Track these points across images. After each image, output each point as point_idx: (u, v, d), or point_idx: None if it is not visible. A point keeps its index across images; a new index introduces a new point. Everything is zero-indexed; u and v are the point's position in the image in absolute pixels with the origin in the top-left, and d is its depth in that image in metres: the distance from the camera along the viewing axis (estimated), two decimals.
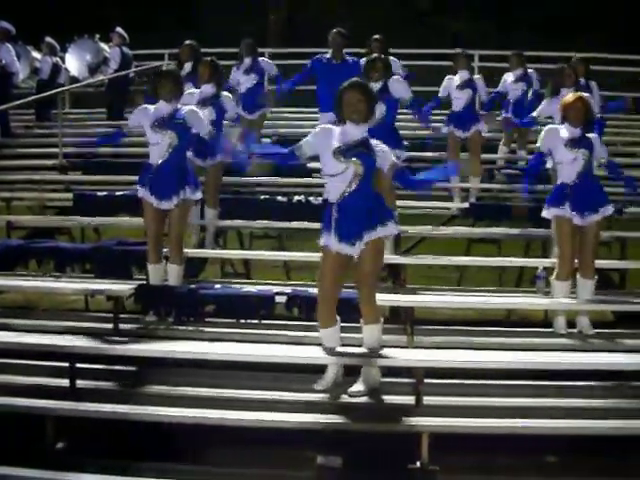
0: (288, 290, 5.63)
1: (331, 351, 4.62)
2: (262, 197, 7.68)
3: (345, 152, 4.48)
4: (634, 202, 7.73)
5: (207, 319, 5.57)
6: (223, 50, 9.98)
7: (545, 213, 5.63)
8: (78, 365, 4.82)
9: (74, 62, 10.98)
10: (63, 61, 11.12)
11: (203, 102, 6.74)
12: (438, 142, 8.81)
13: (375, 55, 7.13)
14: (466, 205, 7.79)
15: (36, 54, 11.30)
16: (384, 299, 5.91)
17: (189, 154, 6.50)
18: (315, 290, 5.53)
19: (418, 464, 4.23)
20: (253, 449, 4.50)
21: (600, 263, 6.82)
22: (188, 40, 8.84)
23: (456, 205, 7.96)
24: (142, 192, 5.67)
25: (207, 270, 7.50)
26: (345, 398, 4.67)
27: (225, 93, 7.01)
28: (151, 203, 5.61)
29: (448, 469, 4.28)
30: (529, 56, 12.51)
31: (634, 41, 14.48)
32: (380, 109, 6.33)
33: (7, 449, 4.04)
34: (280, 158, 5.23)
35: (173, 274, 5.74)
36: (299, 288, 5.80)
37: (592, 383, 4.90)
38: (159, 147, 5.60)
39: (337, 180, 4.50)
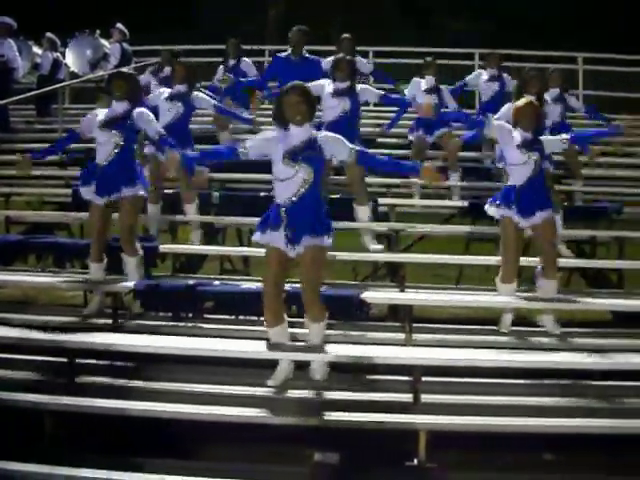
0: (287, 288, 5.63)
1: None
2: (262, 194, 7.69)
3: (294, 156, 4.56)
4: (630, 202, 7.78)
5: (206, 315, 5.58)
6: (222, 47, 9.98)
7: (491, 211, 5.62)
8: (77, 360, 4.84)
9: (74, 58, 10.98)
10: (64, 56, 11.12)
11: (172, 97, 6.83)
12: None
13: (341, 55, 7.20)
14: (465, 204, 7.80)
15: (37, 49, 11.31)
16: (383, 297, 5.96)
17: (151, 150, 6.72)
18: None
19: (415, 461, 4.25)
20: (251, 445, 4.51)
21: (598, 263, 6.88)
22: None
23: (455, 203, 7.98)
24: (86, 192, 5.76)
25: (206, 267, 7.52)
26: (343, 395, 4.69)
27: (196, 93, 7.03)
28: (97, 203, 5.70)
29: (445, 466, 4.29)
30: (527, 56, 12.61)
31: (633, 41, 14.51)
32: (344, 104, 6.55)
33: (6, 444, 4.05)
34: (219, 156, 5.15)
35: (130, 266, 5.78)
36: (298, 285, 5.81)
37: (589, 382, 4.92)
38: (106, 147, 5.69)
39: (286, 184, 4.58)
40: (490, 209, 5.62)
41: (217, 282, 5.89)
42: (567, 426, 4.36)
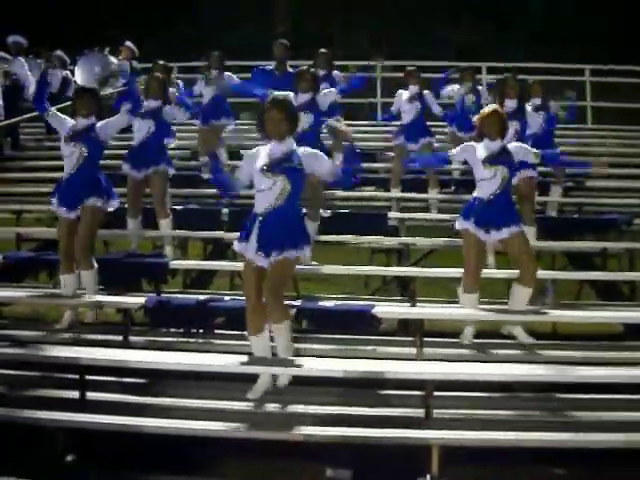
0: (297, 302, 5.63)
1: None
2: None
3: (273, 168, 4.62)
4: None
5: (217, 331, 5.58)
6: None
7: (457, 224, 5.65)
8: (88, 377, 4.84)
9: (82, 74, 11.03)
10: (73, 74, 11.18)
11: (143, 115, 6.86)
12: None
13: (304, 67, 7.25)
14: None
15: None
16: (393, 312, 5.95)
17: (126, 167, 6.83)
18: (324, 302, 5.57)
19: (428, 477, 4.22)
20: (263, 461, 4.50)
21: (609, 275, 6.85)
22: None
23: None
24: (53, 203, 5.88)
25: (216, 282, 7.52)
26: (354, 410, 4.67)
27: (167, 108, 7.06)
28: (63, 216, 5.80)
29: None
30: (532, 68, 12.64)
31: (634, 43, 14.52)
32: (308, 119, 6.50)
33: (18, 461, 4.05)
34: (223, 190, 5.27)
35: (84, 280, 5.83)
36: (308, 300, 5.82)
37: (602, 396, 4.89)
38: (70, 159, 5.81)
39: (265, 194, 4.65)
40: (457, 224, 5.65)
41: (227, 298, 5.89)
42: (581, 441, 4.33)
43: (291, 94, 5.13)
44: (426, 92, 8.64)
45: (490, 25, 17.95)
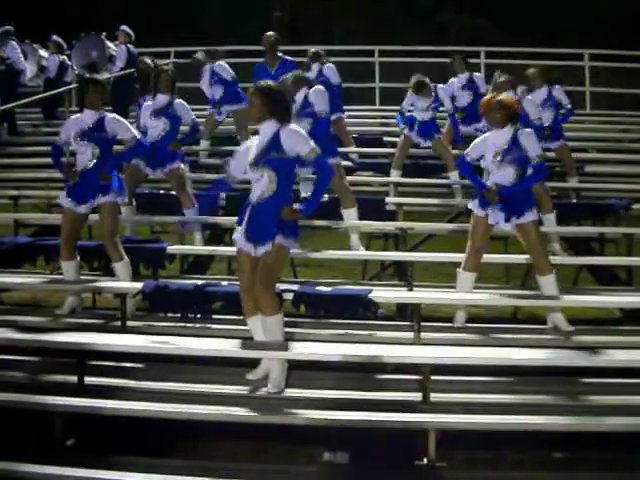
0: (295, 287, 5.64)
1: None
2: None
3: (257, 161, 4.66)
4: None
5: (214, 316, 5.59)
6: (229, 48, 10.01)
7: (470, 204, 5.71)
8: (86, 362, 4.85)
9: (78, 57, 10.98)
10: (70, 59, 11.15)
11: (156, 113, 6.91)
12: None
13: (297, 72, 7.17)
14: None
15: (43, 52, 11.33)
16: (391, 296, 5.96)
17: (140, 163, 6.80)
18: (323, 287, 5.58)
19: (425, 460, 4.24)
20: (260, 445, 4.52)
21: (606, 260, 6.86)
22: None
23: (462, 201, 7.99)
24: (63, 199, 5.83)
25: (214, 267, 7.53)
26: (352, 394, 4.68)
27: (178, 101, 7.07)
28: (69, 207, 5.76)
29: (455, 465, 4.29)
30: (531, 53, 12.59)
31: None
32: (305, 124, 6.20)
33: (16, 445, 4.06)
34: (216, 190, 5.51)
35: (119, 272, 5.83)
36: (306, 285, 5.82)
37: (600, 380, 4.91)
38: (83, 156, 5.78)
39: (256, 184, 4.70)
40: (470, 204, 5.71)
41: (225, 282, 5.90)
42: (576, 424, 4.34)
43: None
44: (439, 88, 8.52)
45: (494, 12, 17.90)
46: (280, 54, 9.11)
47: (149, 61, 8.49)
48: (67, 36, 11.21)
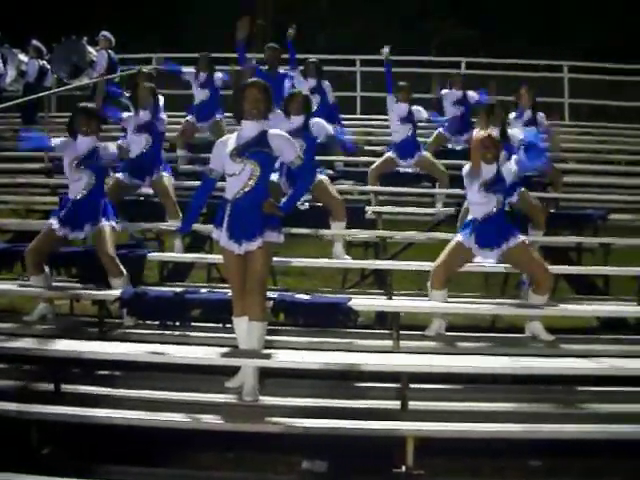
0: (274, 295, 5.63)
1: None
2: None
3: (241, 152, 4.62)
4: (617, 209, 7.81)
5: (193, 323, 5.56)
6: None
7: (461, 236, 5.66)
8: (62, 369, 4.80)
9: (58, 62, 10.92)
10: (50, 64, 11.09)
11: (139, 129, 6.91)
12: None
13: (297, 90, 7.18)
14: (452, 211, 7.82)
15: (23, 57, 11.26)
16: (370, 304, 5.96)
17: (123, 176, 6.84)
18: (302, 295, 5.57)
19: (403, 468, 4.24)
20: (239, 453, 4.50)
21: (584, 269, 6.92)
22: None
23: (442, 210, 8.03)
24: (53, 222, 5.75)
25: (193, 275, 7.49)
26: (330, 402, 4.67)
27: (162, 116, 7.08)
28: (57, 232, 5.69)
29: (433, 473, 4.29)
30: (511, 64, 12.70)
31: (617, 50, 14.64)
32: (300, 145, 6.02)
33: None
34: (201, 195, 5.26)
35: (117, 287, 5.72)
36: (285, 293, 5.81)
37: (579, 388, 4.94)
38: (78, 184, 5.77)
39: (234, 179, 4.64)
40: (460, 233, 5.67)
41: (204, 290, 5.87)
42: (555, 432, 4.37)
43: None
44: (414, 109, 8.29)
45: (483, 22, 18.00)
46: (281, 71, 9.10)
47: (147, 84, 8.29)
48: (48, 40, 11.16)
